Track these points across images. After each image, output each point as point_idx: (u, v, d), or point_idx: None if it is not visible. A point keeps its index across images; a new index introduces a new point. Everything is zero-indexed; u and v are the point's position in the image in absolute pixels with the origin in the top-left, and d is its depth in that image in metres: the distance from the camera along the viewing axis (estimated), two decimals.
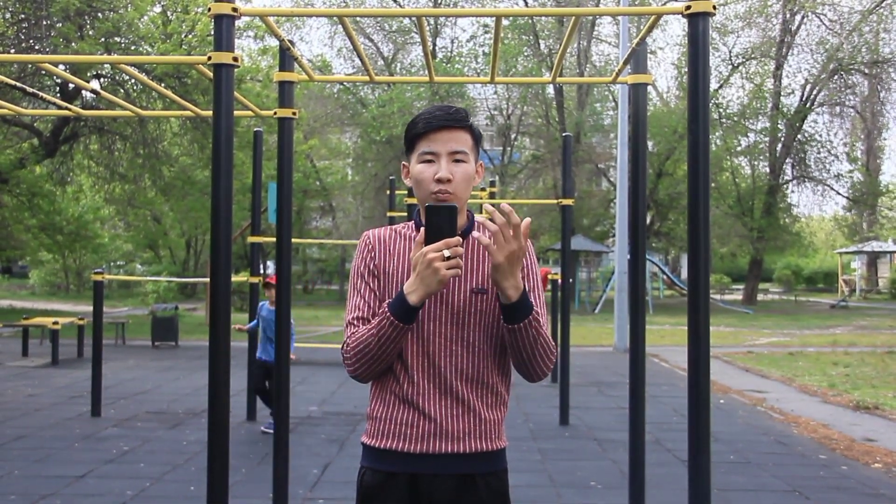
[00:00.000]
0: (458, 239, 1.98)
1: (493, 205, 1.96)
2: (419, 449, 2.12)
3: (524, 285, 2.05)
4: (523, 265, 2.14)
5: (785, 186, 34.39)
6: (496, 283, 2.00)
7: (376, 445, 2.18)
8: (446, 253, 1.96)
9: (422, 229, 2.02)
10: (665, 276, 33.64)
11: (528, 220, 1.97)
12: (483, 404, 2.16)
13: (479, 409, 2.15)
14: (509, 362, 2.22)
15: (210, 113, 3.85)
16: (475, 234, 1.98)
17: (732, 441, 7.46)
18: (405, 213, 9.63)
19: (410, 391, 2.13)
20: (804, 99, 33.01)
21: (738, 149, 33.95)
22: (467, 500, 2.13)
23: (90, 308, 9.09)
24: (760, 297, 35.93)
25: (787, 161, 33.57)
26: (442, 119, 2.16)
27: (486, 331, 2.15)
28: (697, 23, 3.45)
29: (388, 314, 2.02)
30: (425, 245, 1.99)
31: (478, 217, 1.97)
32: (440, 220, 1.99)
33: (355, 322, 2.14)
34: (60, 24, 17.58)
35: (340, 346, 2.18)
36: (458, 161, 2.15)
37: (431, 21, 31.70)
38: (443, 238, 1.98)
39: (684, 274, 39.92)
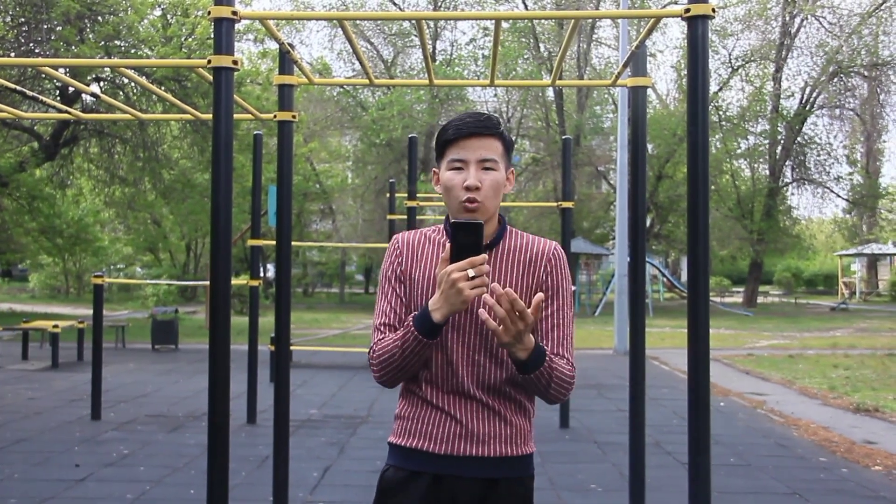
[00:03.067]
0: (483, 257, 1.97)
1: (498, 290, 1.96)
2: (444, 450, 2.12)
3: (545, 325, 2.12)
4: (553, 303, 2.17)
5: (785, 189, 34.41)
6: (506, 348, 2.00)
7: (402, 444, 2.18)
8: (471, 273, 1.95)
9: (447, 245, 2.02)
10: (665, 279, 33.63)
11: (540, 295, 1.97)
12: (508, 410, 2.16)
13: (505, 413, 2.15)
14: None
15: (210, 116, 3.85)
16: (481, 312, 1.96)
17: (732, 443, 7.46)
18: (405, 217, 9.63)
19: (435, 396, 2.14)
20: (804, 101, 33.04)
21: (738, 151, 33.96)
22: None
23: (90, 311, 9.10)
24: (760, 299, 35.92)
25: (786, 163, 33.60)
26: (472, 126, 2.15)
27: None
28: (697, 25, 3.45)
29: (413, 329, 2.03)
30: (451, 262, 1.98)
31: (485, 297, 1.94)
32: (466, 237, 1.98)
33: (382, 328, 2.16)
34: (61, 28, 17.61)
35: (367, 349, 2.19)
36: (487, 169, 2.15)
37: (431, 24, 31.72)
38: (468, 256, 1.96)
39: (684, 276, 39.93)
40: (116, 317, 23.09)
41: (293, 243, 5.21)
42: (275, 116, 4.89)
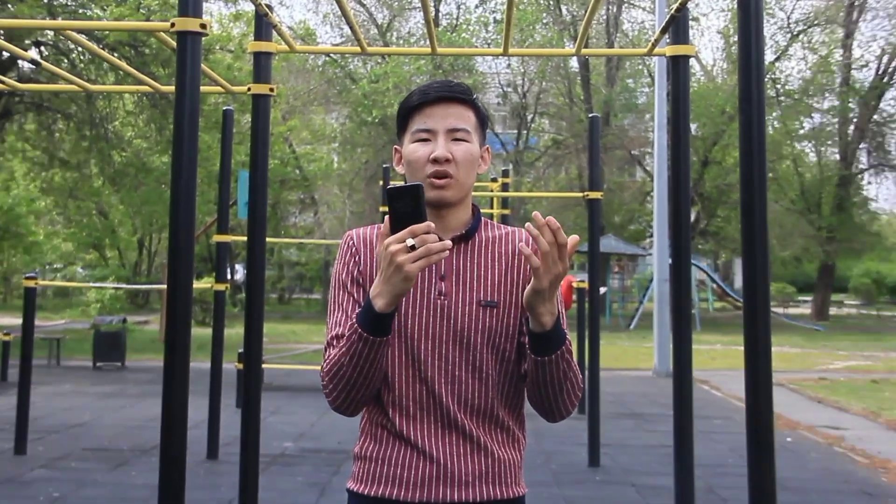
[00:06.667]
0: (426, 225, 1.89)
1: (542, 217, 1.93)
2: (420, 497, 2.08)
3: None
4: None
5: (860, 177, 34.42)
6: (531, 308, 1.96)
7: (366, 492, 2.14)
8: (410, 242, 1.88)
9: (385, 219, 1.96)
10: (715, 285, 33.65)
11: (575, 237, 1.94)
12: (495, 442, 2.13)
13: (491, 447, 2.12)
14: (522, 394, 2.19)
15: (172, 88, 3.85)
16: (522, 246, 1.93)
17: (804, 490, 7.41)
18: None
19: (406, 426, 2.10)
20: (880, 72, 32.99)
21: (801, 132, 33.97)
22: None
23: (19, 320, 9.06)
24: (833, 310, 35.90)
25: (861, 146, 33.57)
26: (440, 90, 2.16)
27: (496, 353, 2.12)
28: None
29: (356, 326, 1.97)
30: (390, 235, 1.93)
31: (528, 226, 1.93)
32: (403, 203, 1.92)
33: (334, 342, 2.10)
34: None
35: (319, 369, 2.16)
36: (458, 140, 2.14)
37: None
38: (408, 225, 1.90)
39: (738, 282, 39.78)
40: (51, 327, 23.14)
41: (268, 240, 5.20)
42: (248, 89, 4.90)
